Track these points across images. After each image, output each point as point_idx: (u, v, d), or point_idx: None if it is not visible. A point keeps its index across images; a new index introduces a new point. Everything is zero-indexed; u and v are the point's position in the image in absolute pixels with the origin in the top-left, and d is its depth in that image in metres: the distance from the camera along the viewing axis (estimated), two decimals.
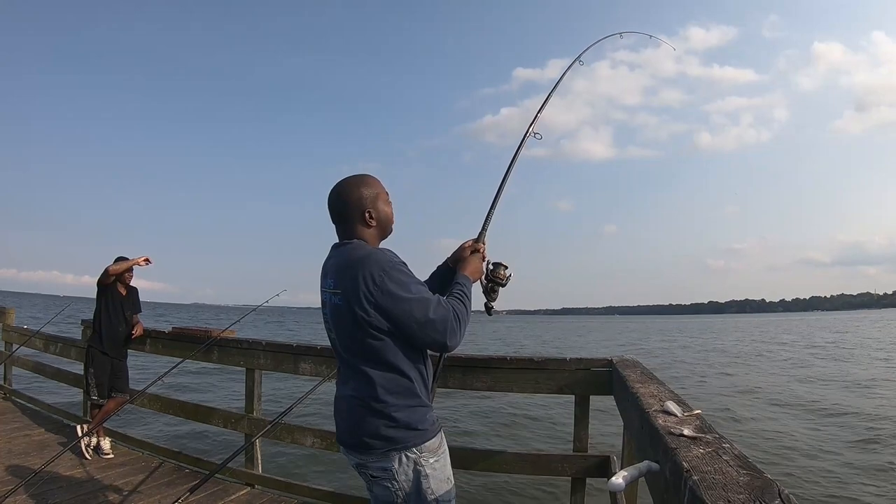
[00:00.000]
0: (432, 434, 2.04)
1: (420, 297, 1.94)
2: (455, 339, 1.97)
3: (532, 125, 3.05)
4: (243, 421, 4.45)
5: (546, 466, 3.39)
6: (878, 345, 36.36)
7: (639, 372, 2.75)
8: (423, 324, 1.92)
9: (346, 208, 2.12)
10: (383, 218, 2.17)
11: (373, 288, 1.91)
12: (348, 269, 1.98)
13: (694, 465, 1.18)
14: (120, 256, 5.56)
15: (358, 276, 1.94)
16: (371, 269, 1.93)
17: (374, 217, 2.13)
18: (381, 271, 1.93)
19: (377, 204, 2.15)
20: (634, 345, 41.27)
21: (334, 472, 6.90)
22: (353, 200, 2.12)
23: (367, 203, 2.12)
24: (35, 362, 7.07)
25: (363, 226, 2.12)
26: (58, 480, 4.33)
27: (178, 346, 5.18)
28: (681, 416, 1.66)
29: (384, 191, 2.20)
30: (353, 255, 2.01)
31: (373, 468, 2.01)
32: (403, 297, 1.91)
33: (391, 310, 1.91)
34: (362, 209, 2.11)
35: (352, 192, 2.13)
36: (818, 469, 8.45)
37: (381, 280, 1.91)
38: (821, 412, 12.80)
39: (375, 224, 2.14)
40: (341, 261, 2.04)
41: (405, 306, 1.91)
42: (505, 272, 2.55)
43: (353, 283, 1.95)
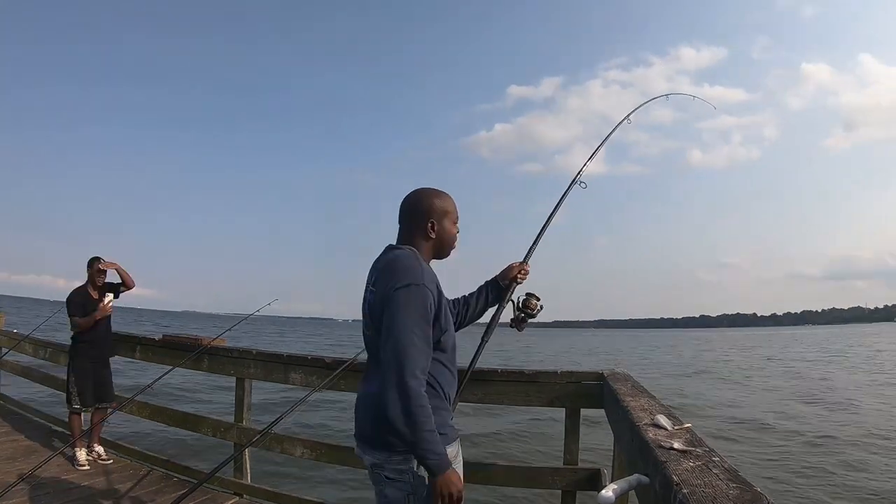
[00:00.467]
0: (451, 440, 2.05)
1: (413, 341, 1.89)
2: (407, 403, 1.84)
3: (580, 173, 3.11)
4: (233, 430, 4.42)
5: (536, 479, 3.39)
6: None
7: (629, 385, 2.76)
8: (393, 358, 1.87)
9: (413, 212, 2.17)
10: (445, 235, 2.19)
11: (388, 292, 1.93)
12: (385, 269, 2.03)
13: (684, 479, 1.19)
14: (94, 257, 5.40)
15: (385, 276, 1.98)
16: (405, 276, 1.95)
17: (435, 230, 2.15)
18: (409, 283, 1.93)
19: (444, 220, 2.18)
20: (625, 358, 41.29)
21: (323, 483, 6.86)
22: (422, 206, 2.16)
23: (434, 214, 2.15)
24: (24, 367, 7.00)
25: (422, 234, 2.15)
26: (45, 486, 4.29)
27: (168, 353, 5.12)
28: (671, 430, 1.67)
29: (456, 213, 2.24)
30: (398, 260, 2.04)
31: (389, 469, 1.99)
32: (400, 321, 1.89)
33: (388, 317, 1.92)
34: (428, 217, 2.14)
35: (425, 198, 2.18)
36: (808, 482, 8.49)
37: (405, 291, 1.92)
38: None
39: (435, 237, 2.16)
40: (387, 262, 2.07)
41: (399, 323, 1.89)
42: (536, 303, 2.62)
43: (384, 285, 1.97)
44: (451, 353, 2.13)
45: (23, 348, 6.75)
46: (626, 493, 1.50)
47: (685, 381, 23.46)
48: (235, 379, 4.49)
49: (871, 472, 9.36)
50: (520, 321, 2.61)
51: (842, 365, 32.89)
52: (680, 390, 19.63)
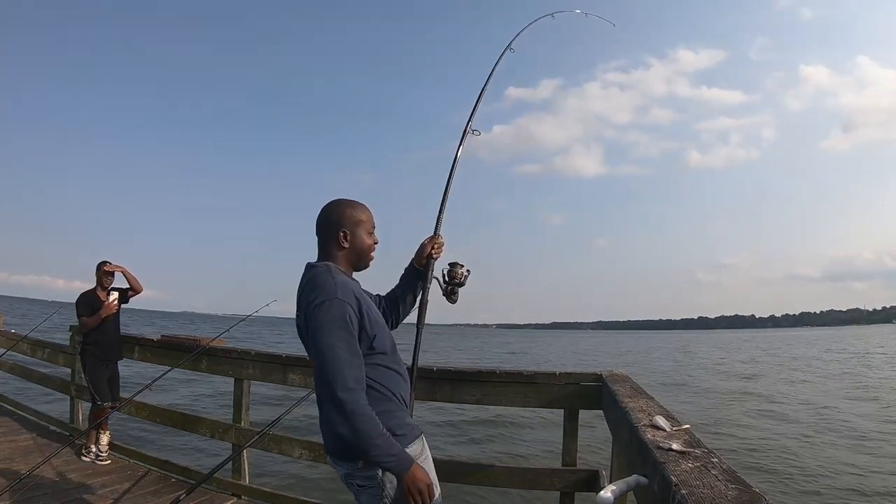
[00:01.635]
0: (411, 439, 2.07)
1: (335, 357, 1.90)
2: (352, 418, 1.87)
3: (470, 122, 3.05)
4: (231, 431, 4.42)
5: (535, 480, 3.39)
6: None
7: (628, 386, 2.76)
8: (324, 380, 1.90)
9: (325, 223, 2.17)
10: (359, 244, 2.18)
11: (313, 312, 1.94)
12: (305, 291, 2.04)
13: (682, 480, 1.19)
14: (101, 261, 5.53)
15: (303, 296, 2.01)
16: (319, 295, 1.96)
17: (348, 239, 2.15)
18: (324, 301, 1.95)
19: (357, 229, 2.17)
20: (624, 359, 41.32)
21: (322, 484, 6.85)
22: (334, 217, 2.16)
23: (346, 224, 2.15)
24: (22, 367, 6.99)
25: (336, 245, 2.15)
26: (43, 487, 4.28)
27: (166, 354, 5.13)
28: (670, 431, 1.67)
29: (371, 223, 2.23)
30: (312, 280, 2.05)
31: (359, 477, 2.03)
32: (324, 340, 1.91)
33: (312, 338, 1.95)
34: (339, 227, 2.14)
35: (336, 209, 2.18)
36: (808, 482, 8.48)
37: (322, 308, 1.94)
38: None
39: (349, 247, 2.15)
40: (304, 281, 2.09)
41: (319, 346, 1.91)
42: (461, 270, 2.56)
43: (301, 303, 2.03)
44: (392, 353, 2.15)
45: (21, 348, 6.75)
46: (624, 494, 1.50)
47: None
48: (234, 380, 4.49)
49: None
50: (450, 294, 2.55)
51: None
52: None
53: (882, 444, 11.28)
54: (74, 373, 5.86)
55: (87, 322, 5.32)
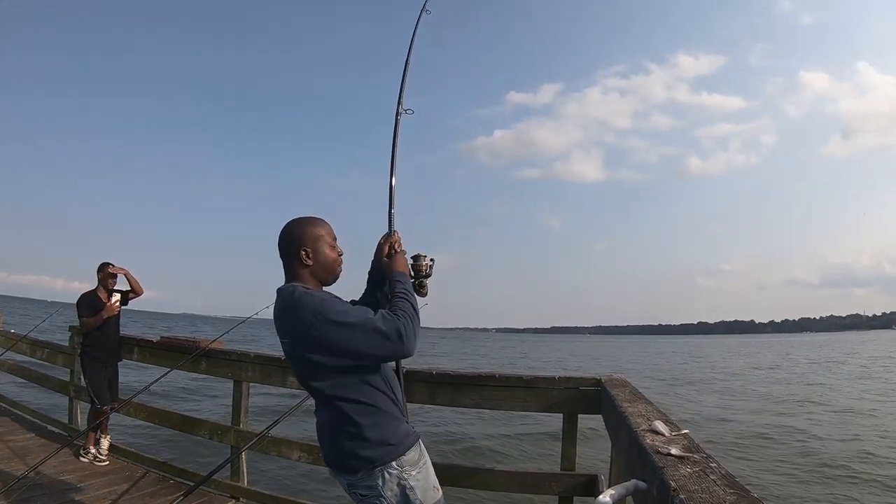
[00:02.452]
0: (407, 447, 2.07)
1: (360, 321, 1.92)
2: (412, 342, 1.96)
3: (400, 102, 2.94)
4: (230, 433, 4.41)
5: (534, 485, 3.38)
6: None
7: (627, 391, 2.75)
8: (379, 342, 1.92)
9: (285, 244, 2.15)
10: (322, 259, 2.15)
11: (315, 332, 1.91)
12: (287, 317, 2.01)
13: (681, 484, 1.19)
14: (104, 262, 5.57)
15: (297, 323, 1.96)
16: (305, 314, 1.93)
17: (310, 257, 2.12)
18: (315, 313, 1.93)
19: (318, 244, 2.15)
20: (623, 364, 41.31)
21: (320, 487, 6.84)
22: (294, 237, 2.14)
23: (306, 241, 2.13)
24: (21, 367, 7.00)
25: (300, 264, 2.13)
26: (41, 487, 4.28)
27: (165, 355, 5.13)
28: (668, 436, 1.67)
29: (330, 235, 2.21)
30: (289, 301, 2.02)
31: (361, 487, 2.05)
32: (344, 329, 1.91)
33: (341, 346, 1.92)
34: (299, 246, 2.12)
35: (294, 229, 2.16)
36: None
37: (319, 319, 1.91)
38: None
39: (313, 263, 2.13)
40: (279, 308, 2.06)
41: (352, 336, 1.91)
42: (425, 261, 2.51)
43: (295, 331, 1.98)
44: (386, 366, 2.16)
45: (20, 348, 6.75)
46: (623, 499, 1.50)
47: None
48: (233, 382, 4.48)
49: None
50: (419, 287, 2.45)
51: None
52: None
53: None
54: (73, 373, 5.86)
55: (89, 323, 5.33)
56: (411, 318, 2.00)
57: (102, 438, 5.16)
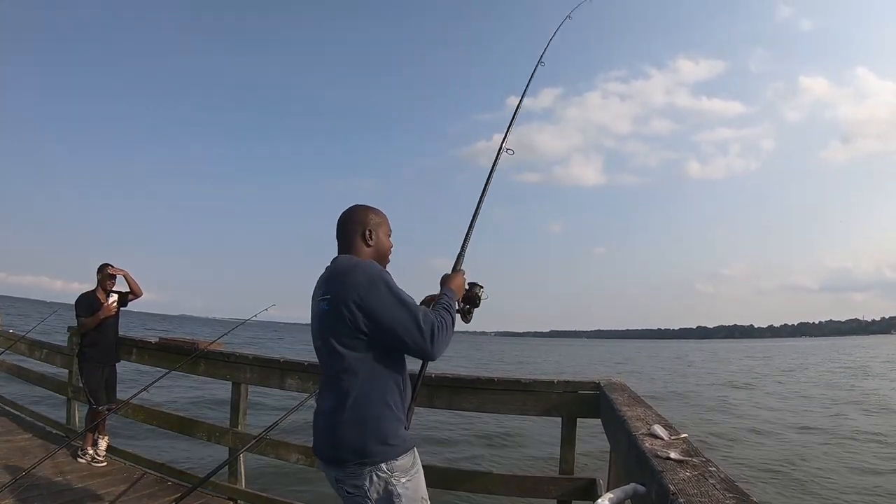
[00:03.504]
0: (403, 451, 2.05)
1: (409, 304, 2.01)
2: (439, 348, 2.04)
3: (504, 141, 3.01)
4: (228, 434, 4.41)
5: (532, 488, 3.38)
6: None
7: (626, 395, 2.76)
8: (410, 330, 1.98)
9: (349, 224, 2.27)
10: (381, 244, 2.29)
11: (362, 291, 1.99)
12: (339, 275, 2.09)
13: (680, 488, 1.19)
14: (103, 263, 5.57)
15: (348, 279, 2.03)
16: (362, 274, 2.03)
17: (371, 238, 2.25)
18: (371, 277, 2.02)
19: (379, 230, 2.29)
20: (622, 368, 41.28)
21: (318, 490, 6.82)
22: (357, 218, 2.27)
23: (370, 224, 2.26)
24: (19, 367, 6.98)
25: (362, 243, 2.24)
26: (39, 487, 4.27)
27: (164, 356, 5.12)
28: (668, 440, 1.67)
29: (389, 227, 2.35)
30: (347, 263, 2.13)
31: (348, 484, 2.05)
32: (392, 302, 1.99)
33: (379, 313, 1.98)
34: (365, 227, 2.25)
35: (359, 211, 2.30)
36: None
37: (372, 284, 2.00)
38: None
39: (374, 246, 2.26)
40: (334, 269, 2.16)
41: (394, 311, 1.98)
42: (480, 292, 2.58)
43: (342, 287, 2.03)
44: (404, 364, 2.19)
45: (18, 348, 6.74)
46: (622, 503, 1.50)
47: None
48: (231, 383, 4.48)
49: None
50: (465, 313, 2.56)
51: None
52: None
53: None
54: (72, 374, 5.85)
55: (86, 323, 5.33)
56: (446, 327, 2.08)
57: (100, 439, 5.15)
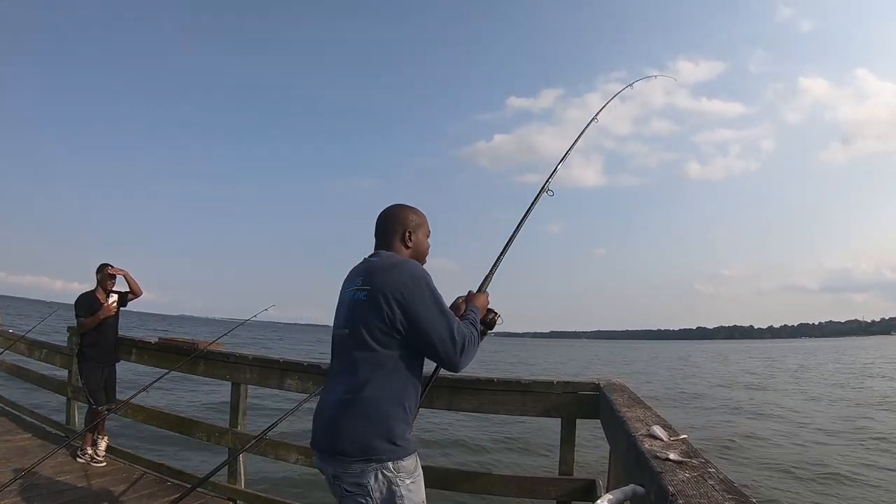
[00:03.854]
0: (408, 453, 2.04)
1: (447, 313, 2.05)
2: (466, 361, 2.09)
3: (548, 181, 3.07)
4: (227, 435, 4.40)
5: (532, 489, 3.37)
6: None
7: (626, 396, 2.75)
8: (444, 339, 2.02)
9: (391, 223, 2.30)
10: (420, 245, 2.34)
11: (406, 291, 2.02)
12: (383, 270, 2.11)
13: (679, 489, 1.19)
14: (103, 263, 5.57)
15: (393, 276, 2.06)
16: (408, 273, 2.07)
17: (412, 240, 2.29)
18: (416, 278, 2.06)
19: (419, 231, 2.32)
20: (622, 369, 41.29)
21: (317, 491, 6.82)
22: (399, 218, 2.30)
23: (410, 225, 2.29)
24: (18, 367, 6.98)
25: (401, 244, 2.28)
26: (38, 487, 4.27)
27: (164, 356, 5.12)
28: (667, 441, 1.67)
29: (428, 227, 2.39)
30: (393, 259, 2.16)
31: (347, 482, 2.00)
32: (433, 307, 2.03)
33: (418, 316, 2.00)
34: (405, 228, 2.28)
35: (401, 211, 2.33)
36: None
37: (416, 285, 2.03)
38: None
39: (412, 247, 2.30)
40: (377, 262, 2.17)
41: (433, 317, 2.01)
42: (497, 318, 2.62)
43: (385, 282, 2.05)
44: (422, 369, 2.20)
45: (18, 348, 6.74)
46: (621, 503, 1.50)
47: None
48: (231, 384, 4.48)
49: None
50: (480, 333, 2.60)
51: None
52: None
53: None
54: (71, 374, 5.85)
55: (86, 323, 5.33)
56: (474, 342, 2.14)
57: (100, 439, 5.16)
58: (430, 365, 2.23)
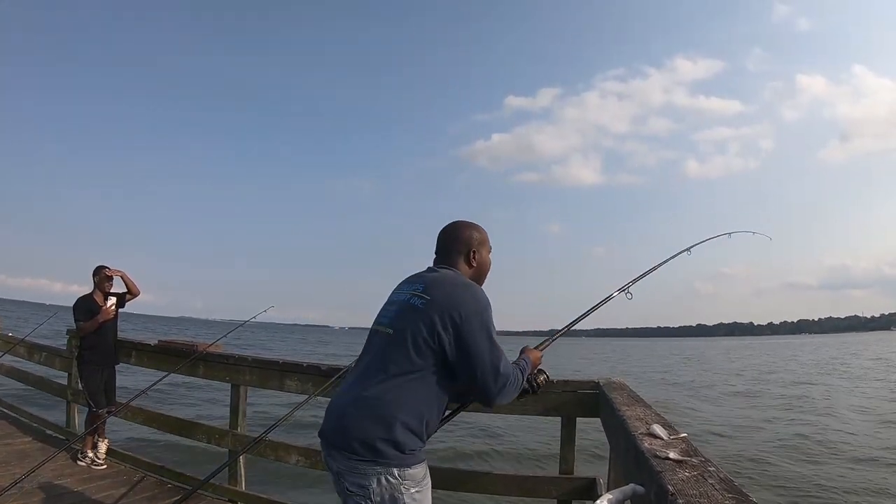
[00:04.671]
0: (417, 461, 1.98)
1: (498, 348, 2.04)
2: (502, 399, 2.08)
3: (630, 285, 3.08)
4: (227, 437, 4.40)
5: (532, 489, 3.37)
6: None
7: (625, 394, 2.75)
8: (487, 370, 2.01)
9: (455, 242, 2.29)
10: (483, 264, 2.33)
11: (464, 313, 2.00)
12: (448, 286, 2.10)
13: (679, 489, 1.18)
14: (100, 265, 5.56)
15: (456, 295, 2.05)
16: (472, 298, 2.06)
17: (476, 259, 2.29)
18: (479, 305, 2.05)
19: (482, 249, 2.32)
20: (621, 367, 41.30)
21: (317, 492, 6.82)
22: (464, 237, 2.29)
23: (474, 244, 2.29)
24: (19, 370, 6.98)
25: (465, 263, 2.28)
26: (39, 491, 4.26)
27: (163, 359, 5.12)
28: (667, 440, 1.67)
29: (489, 243, 2.37)
30: (459, 279, 2.16)
31: (350, 481, 1.95)
32: (486, 337, 2.01)
33: (469, 342, 1.99)
34: (469, 247, 2.28)
35: (465, 229, 2.32)
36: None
37: (477, 312, 2.02)
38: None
39: (476, 266, 2.30)
40: (443, 277, 2.16)
41: (483, 346, 2.00)
42: (542, 380, 2.59)
43: (447, 298, 2.04)
44: (454, 387, 2.13)
45: (18, 352, 6.74)
46: (621, 503, 1.49)
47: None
48: (231, 385, 4.47)
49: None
50: (523, 392, 2.47)
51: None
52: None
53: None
54: (71, 377, 5.85)
55: (85, 327, 5.33)
56: (517, 385, 2.15)
57: (100, 442, 5.15)
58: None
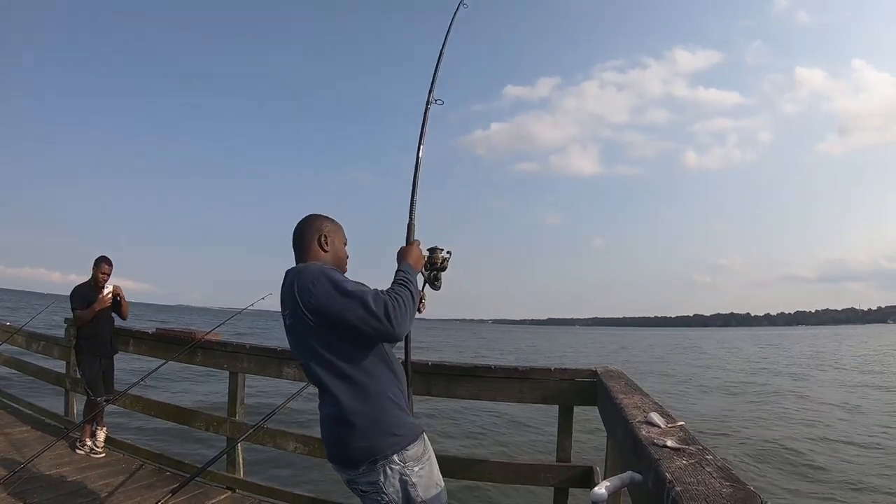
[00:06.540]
0: (411, 440, 2.04)
1: (353, 292, 1.95)
2: (400, 325, 1.95)
3: (431, 91, 2.88)
4: (225, 424, 4.41)
5: (529, 476, 3.39)
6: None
7: (623, 383, 2.75)
8: (362, 316, 1.93)
9: (304, 231, 2.26)
10: (336, 250, 2.29)
11: (308, 294, 1.98)
12: (288, 287, 2.08)
13: (677, 476, 1.18)
14: (101, 256, 5.56)
15: (295, 288, 2.03)
16: (305, 278, 2.02)
17: (327, 243, 2.25)
18: (314, 277, 2.00)
19: (334, 237, 2.29)
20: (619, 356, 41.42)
21: (315, 478, 6.85)
22: (313, 226, 2.27)
23: (324, 230, 2.26)
24: (16, 360, 6.98)
25: (318, 250, 2.24)
26: (37, 480, 4.27)
27: (161, 347, 5.13)
28: (664, 427, 1.67)
29: (344, 236, 2.36)
30: (293, 273, 2.12)
31: (361, 483, 2.03)
32: (336, 294, 1.96)
33: (329, 310, 1.96)
34: (320, 233, 2.24)
35: (314, 220, 2.29)
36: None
37: (315, 284, 1.98)
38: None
39: (330, 251, 2.26)
40: (284, 283, 2.15)
41: (339, 303, 1.95)
42: (441, 254, 2.50)
43: (293, 297, 2.03)
44: (390, 350, 2.17)
45: (16, 341, 6.73)
46: (618, 491, 1.50)
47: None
48: (229, 373, 4.48)
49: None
50: (433, 280, 2.49)
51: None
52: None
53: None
54: (69, 366, 5.85)
55: (82, 315, 5.33)
56: (404, 303, 1.99)
57: (98, 431, 5.16)
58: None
